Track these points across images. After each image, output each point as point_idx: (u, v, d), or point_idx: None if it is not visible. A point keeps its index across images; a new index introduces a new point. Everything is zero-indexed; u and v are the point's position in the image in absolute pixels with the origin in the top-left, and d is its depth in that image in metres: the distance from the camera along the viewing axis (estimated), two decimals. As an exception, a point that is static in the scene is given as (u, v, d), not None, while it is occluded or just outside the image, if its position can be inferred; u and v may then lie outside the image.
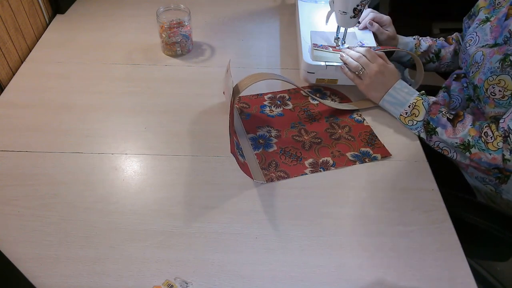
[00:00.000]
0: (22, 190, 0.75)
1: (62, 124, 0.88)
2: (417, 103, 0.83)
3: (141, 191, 0.76)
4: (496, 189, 0.90)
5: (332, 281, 0.64)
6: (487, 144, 0.78)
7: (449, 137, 0.81)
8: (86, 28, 1.17)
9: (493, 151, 0.77)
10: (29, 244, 0.67)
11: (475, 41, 0.89)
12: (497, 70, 0.80)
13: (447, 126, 0.82)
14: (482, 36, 0.88)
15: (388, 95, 0.87)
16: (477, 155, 0.79)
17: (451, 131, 0.81)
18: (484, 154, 0.78)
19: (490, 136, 0.78)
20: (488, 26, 0.87)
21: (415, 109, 0.83)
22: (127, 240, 0.68)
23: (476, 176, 0.92)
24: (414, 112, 0.84)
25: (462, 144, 0.80)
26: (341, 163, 0.82)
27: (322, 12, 1.11)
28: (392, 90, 0.86)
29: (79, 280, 0.63)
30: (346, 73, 0.92)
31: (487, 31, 0.87)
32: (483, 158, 0.79)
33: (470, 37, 0.91)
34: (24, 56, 1.06)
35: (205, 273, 0.64)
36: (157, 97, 0.95)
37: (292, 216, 0.73)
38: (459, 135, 0.80)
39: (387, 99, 0.87)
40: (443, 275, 0.65)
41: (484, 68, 0.82)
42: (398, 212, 0.74)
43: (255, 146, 0.85)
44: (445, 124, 0.82)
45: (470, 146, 0.79)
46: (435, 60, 1.06)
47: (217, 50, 1.12)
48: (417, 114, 0.83)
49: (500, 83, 0.80)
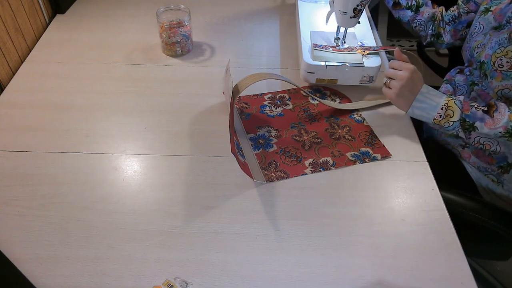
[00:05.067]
0: (22, 190, 0.75)
1: (62, 124, 0.88)
2: (449, 104, 0.80)
3: (141, 191, 0.76)
4: (498, 179, 0.90)
5: (332, 281, 0.64)
6: None
7: (491, 129, 0.78)
8: (86, 28, 1.17)
9: None
10: (29, 244, 0.67)
11: (480, 28, 0.90)
12: (505, 41, 0.81)
13: (485, 118, 0.79)
14: (486, 23, 0.89)
15: (417, 101, 0.83)
16: None
17: (491, 123, 0.78)
18: None
19: None
20: (491, 15, 0.88)
21: (449, 110, 0.80)
22: (127, 240, 0.68)
23: (478, 167, 0.93)
24: (448, 113, 0.80)
25: (507, 132, 0.77)
26: (341, 163, 0.82)
27: (322, 12, 1.11)
28: (420, 96, 0.83)
29: (79, 280, 0.63)
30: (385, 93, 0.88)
31: (491, 20, 0.88)
32: None
33: (474, 27, 0.92)
34: (24, 56, 1.06)
35: (205, 273, 0.64)
36: (157, 97, 0.96)
37: (292, 216, 0.73)
38: (500, 124, 0.77)
39: (417, 105, 0.83)
40: (443, 275, 0.65)
41: (491, 43, 0.83)
42: (398, 212, 0.74)
43: (255, 146, 0.85)
44: (482, 117, 0.79)
45: None
46: (413, 10, 1.07)
47: (217, 50, 1.12)
48: (452, 114, 0.80)
49: (508, 54, 0.80)
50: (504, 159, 0.88)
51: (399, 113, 0.93)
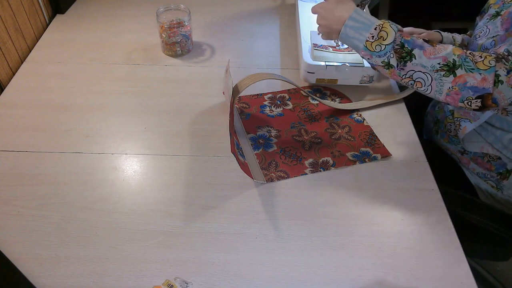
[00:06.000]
0: (22, 190, 0.75)
1: (62, 124, 0.88)
2: (384, 25, 0.73)
3: (141, 191, 0.76)
4: (497, 185, 0.90)
5: (332, 281, 0.64)
6: (476, 63, 0.67)
7: (429, 58, 0.70)
8: (86, 28, 1.17)
9: (483, 70, 0.67)
10: (29, 244, 0.67)
11: (485, 32, 0.88)
12: None
13: (424, 46, 0.70)
14: (492, 28, 0.87)
15: (351, 19, 0.75)
16: (463, 78, 0.68)
17: (431, 51, 0.70)
18: (471, 75, 0.67)
19: (478, 56, 0.68)
20: (499, 20, 0.86)
21: (383, 31, 0.72)
22: (127, 240, 0.68)
23: (477, 173, 0.92)
24: (381, 35, 0.72)
25: (446, 65, 0.68)
26: (341, 163, 0.82)
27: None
28: (354, 13, 0.75)
29: (79, 280, 0.63)
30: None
31: (498, 24, 0.85)
32: (469, 82, 0.67)
33: (480, 30, 0.89)
34: (24, 56, 1.06)
35: (205, 273, 0.64)
36: (157, 97, 0.96)
37: (292, 216, 0.73)
38: (441, 54, 0.69)
39: (350, 25, 0.75)
40: (443, 275, 0.65)
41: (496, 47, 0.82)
42: (398, 212, 0.74)
43: (255, 146, 0.85)
44: (421, 45, 0.71)
45: (456, 67, 0.68)
46: None
47: (217, 50, 1.12)
48: (385, 36, 0.72)
49: None
50: (503, 165, 0.87)
51: (399, 113, 0.93)
